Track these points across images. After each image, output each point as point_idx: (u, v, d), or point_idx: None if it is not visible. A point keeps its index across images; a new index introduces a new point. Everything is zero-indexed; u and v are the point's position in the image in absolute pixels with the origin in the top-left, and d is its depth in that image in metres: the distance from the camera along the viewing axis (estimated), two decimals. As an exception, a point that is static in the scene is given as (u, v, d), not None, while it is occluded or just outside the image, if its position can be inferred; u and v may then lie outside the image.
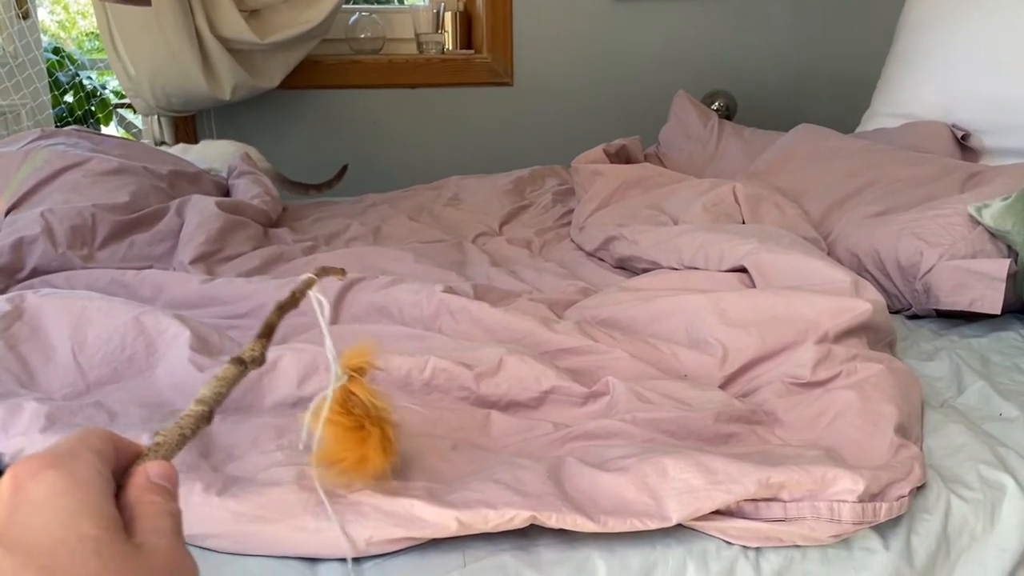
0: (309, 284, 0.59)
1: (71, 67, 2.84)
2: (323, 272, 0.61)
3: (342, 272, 0.64)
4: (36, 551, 0.29)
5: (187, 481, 0.64)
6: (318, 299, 0.59)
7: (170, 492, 0.35)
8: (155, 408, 0.76)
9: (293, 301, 0.58)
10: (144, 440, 0.68)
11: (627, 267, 1.36)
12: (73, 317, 0.83)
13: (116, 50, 1.99)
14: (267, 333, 0.54)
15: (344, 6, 2.28)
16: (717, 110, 2.38)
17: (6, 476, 0.32)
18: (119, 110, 2.85)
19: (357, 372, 0.65)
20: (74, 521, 0.31)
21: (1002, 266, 1.07)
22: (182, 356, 0.81)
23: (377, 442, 0.64)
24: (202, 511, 0.63)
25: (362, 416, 0.64)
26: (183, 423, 0.43)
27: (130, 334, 0.83)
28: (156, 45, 1.94)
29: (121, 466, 0.36)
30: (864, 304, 0.91)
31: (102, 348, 0.81)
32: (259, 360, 0.52)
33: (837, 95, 2.39)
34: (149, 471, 0.35)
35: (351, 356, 0.65)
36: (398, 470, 0.68)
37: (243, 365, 0.50)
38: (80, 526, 0.31)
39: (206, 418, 0.44)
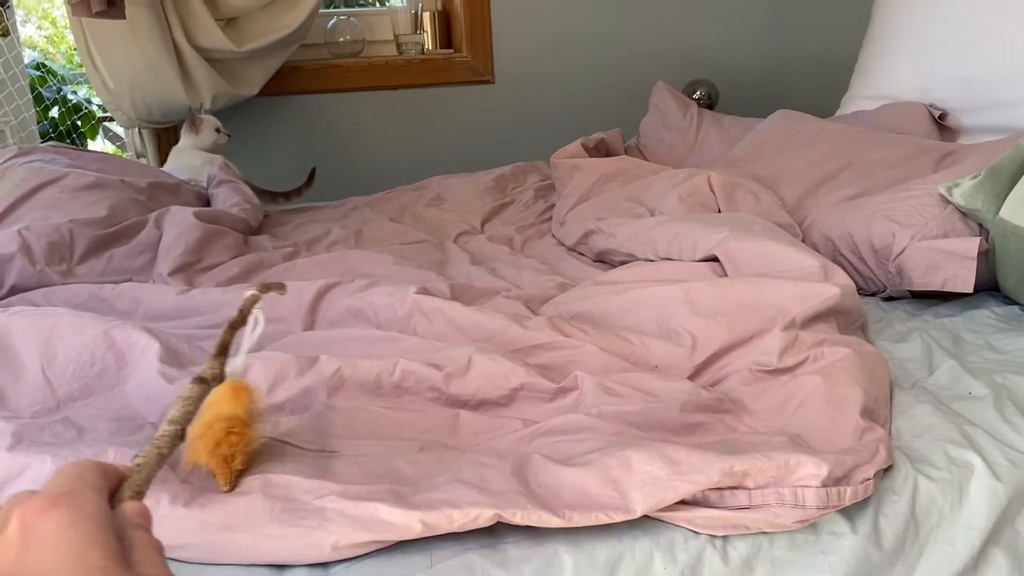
0: (254, 300, 0.63)
1: (55, 82, 2.84)
2: (265, 288, 0.65)
3: (282, 287, 0.69)
4: None
5: (154, 493, 0.65)
6: (255, 318, 0.63)
7: (147, 528, 0.37)
8: (125, 422, 0.77)
9: (241, 319, 0.62)
10: (111, 454, 0.68)
11: (606, 260, 1.36)
12: (42, 334, 0.83)
13: (94, 64, 1.99)
14: (222, 351, 0.57)
15: (322, 10, 2.29)
16: (698, 99, 2.38)
17: (14, 519, 0.33)
18: (105, 123, 2.85)
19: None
20: (83, 553, 0.32)
21: (973, 244, 1.07)
22: (151, 369, 0.81)
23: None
24: (169, 522, 0.64)
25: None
26: (159, 443, 0.45)
27: (100, 348, 0.83)
28: (133, 57, 1.94)
29: (111, 491, 0.39)
30: (832, 289, 0.91)
31: (72, 364, 0.82)
32: (219, 378, 0.55)
33: (818, 80, 2.39)
34: (127, 511, 0.37)
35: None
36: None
37: (206, 383, 0.53)
38: (88, 557, 0.32)
39: (179, 436, 0.47)
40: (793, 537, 0.70)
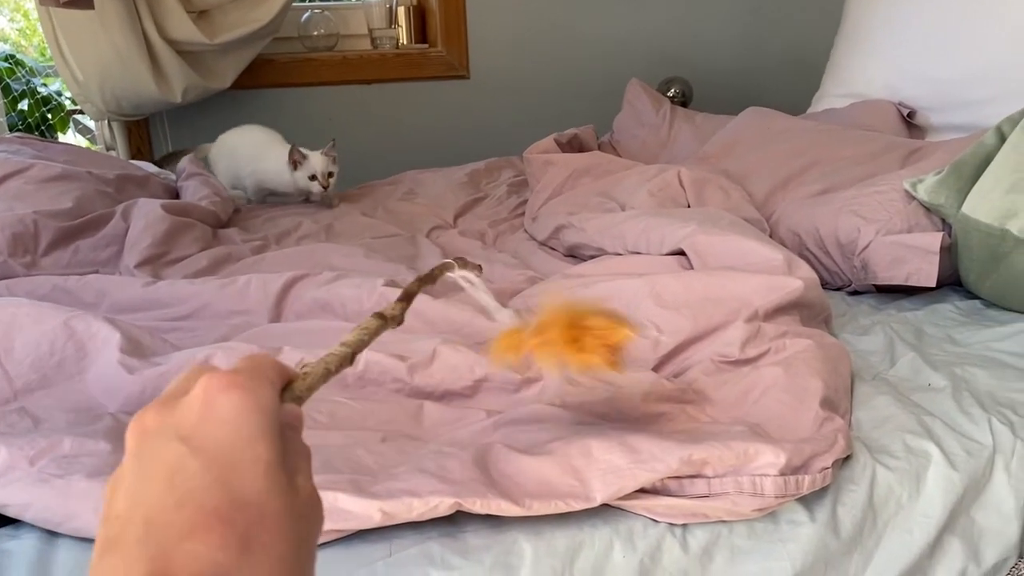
0: (449, 267, 0.67)
1: (24, 74, 2.81)
2: (462, 263, 0.70)
3: (479, 268, 0.74)
4: (217, 459, 0.33)
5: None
6: (467, 278, 0.69)
7: (299, 432, 0.39)
8: (84, 412, 0.76)
9: (431, 277, 0.64)
10: (67, 444, 0.68)
11: (576, 254, 1.37)
12: (1, 325, 0.82)
13: (63, 55, 1.96)
14: (406, 298, 0.58)
15: (296, 3, 2.26)
16: (673, 97, 2.39)
17: (199, 386, 0.35)
18: (75, 116, 2.82)
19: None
20: (252, 442, 0.34)
21: (936, 239, 1.09)
22: (112, 359, 0.81)
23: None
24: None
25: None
26: (328, 359, 0.45)
27: (59, 339, 0.82)
28: (103, 49, 1.91)
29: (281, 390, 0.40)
30: (795, 281, 0.92)
31: (31, 354, 0.81)
32: (398, 319, 0.55)
33: (791, 79, 2.40)
34: (285, 411, 0.38)
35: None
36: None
37: (383, 320, 0.52)
38: (256, 448, 0.34)
39: (349, 359, 0.46)
40: (752, 526, 0.70)
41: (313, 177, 1.69)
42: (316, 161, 1.70)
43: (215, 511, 0.31)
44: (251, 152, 1.80)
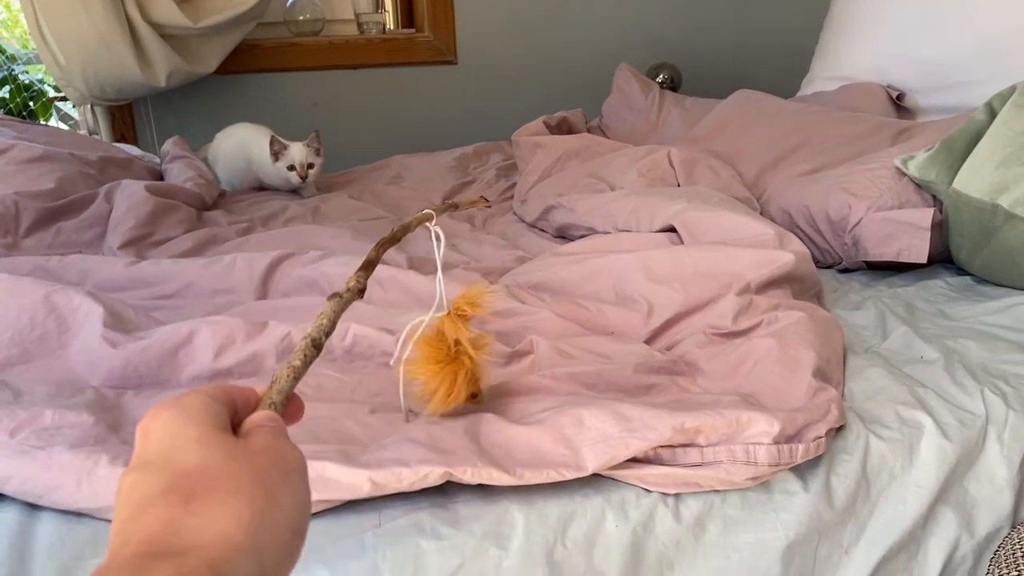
0: (427, 218, 0.62)
1: (4, 61, 2.77)
2: (448, 207, 0.66)
3: (486, 201, 0.72)
4: (158, 460, 0.37)
5: (93, 454, 0.63)
6: (436, 232, 0.63)
7: (272, 428, 0.41)
8: (66, 385, 0.74)
9: (391, 238, 0.60)
10: (48, 416, 0.66)
11: (565, 235, 1.36)
12: (-21, 299, 0.80)
13: (44, 39, 1.93)
14: (367, 267, 0.55)
15: (281, -12, 2.25)
16: (662, 83, 2.38)
17: (138, 427, 0.39)
18: (58, 102, 2.78)
19: (460, 314, 0.70)
20: (182, 431, 0.38)
21: (927, 215, 1.08)
22: (95, 333, 0.79)
23: (462, 377, 0.69)
24: (108, 483, 0.62)
25: (448, 351, 0.69)
26: (292, 359, 0.46)
27: (40, 313, 0.81)
28: (85, 32, 1.88)
29: (247, 410, 0.43)
30: (786, 255, 0.92)
31: (10, 328, 0.79)
32: (355, 289, 0.53)
33: (782, 64, 2.40)
34: (255, 418, 0.42)
35: (461, 299, 0.70)
36: (482, 400, 0.73)
37: (340, 297, 0.51)
38: (186, 431, 0.38)
39: (314, 347, 0.47)
40: (745, 495, 0.70)
41: (292, 167, 1.68)
42: (295, 151, 1.69)
43: (160, 490, 0.35)
44: (247, 153, 1.77)
